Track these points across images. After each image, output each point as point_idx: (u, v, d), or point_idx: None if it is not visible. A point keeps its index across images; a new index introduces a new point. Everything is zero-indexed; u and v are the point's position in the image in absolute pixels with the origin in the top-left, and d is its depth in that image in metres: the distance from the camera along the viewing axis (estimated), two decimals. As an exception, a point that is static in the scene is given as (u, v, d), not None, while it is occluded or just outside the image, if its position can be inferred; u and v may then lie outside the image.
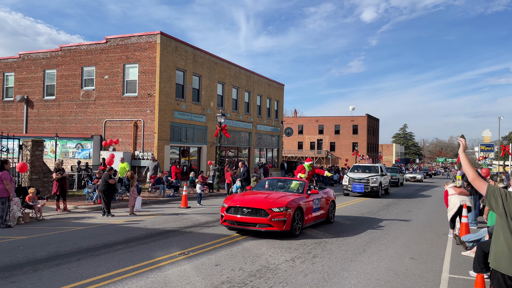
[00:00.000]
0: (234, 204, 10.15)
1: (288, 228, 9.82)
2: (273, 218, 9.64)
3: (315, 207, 11.42)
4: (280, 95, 39.04)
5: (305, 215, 10.68)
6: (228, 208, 10.23)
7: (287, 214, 9.78)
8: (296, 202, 10.29)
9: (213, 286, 6.16)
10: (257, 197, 10.47)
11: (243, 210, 9.95)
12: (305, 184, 11.82)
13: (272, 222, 9.63)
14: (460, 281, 6.89)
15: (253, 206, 9.88)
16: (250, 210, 9.89)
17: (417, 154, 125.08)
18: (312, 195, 11.41)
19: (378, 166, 24.44)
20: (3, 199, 10.77)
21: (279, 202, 9.97)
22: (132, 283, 6.19)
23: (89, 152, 24.10)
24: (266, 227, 9.66)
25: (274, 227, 9.63)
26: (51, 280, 6.25)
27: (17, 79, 27.44)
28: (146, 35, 23.18)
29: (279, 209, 9.72)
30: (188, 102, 25.39)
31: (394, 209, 17.38)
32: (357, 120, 74.61)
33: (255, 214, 9.82)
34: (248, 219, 9.82)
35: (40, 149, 16.44)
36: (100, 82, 24.42)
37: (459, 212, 10.76)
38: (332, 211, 12.83)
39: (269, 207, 9.75)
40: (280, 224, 9.67)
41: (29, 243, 8.91)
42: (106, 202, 13.10)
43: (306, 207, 10.78)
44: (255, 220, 9.74)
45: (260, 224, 9.69)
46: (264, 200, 10.09)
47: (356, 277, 6.87)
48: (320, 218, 11.94)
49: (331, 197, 12.88)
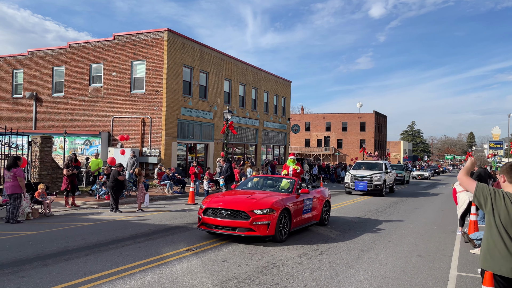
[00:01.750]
0: (212, 205, 9.09)
1: (272, 232, 8.73)
2: (255, 221, 8.57)
3: (305, 208, 10.30)
4: (287, 92, 38.95)
5: (294, 217, 9.59)
6: (206, 210, 9.14)
7: (271, 216, 8.69)
8: (283, 203, 9.22)
9: (220, 282, 6.19)
10: (238, 197, 9.41)
11: (221, 212, 8.88)
12: (294, 183, 10.63)
13: (254, 226, 8.56)
14: (468, 278, 6.84)
15: (232, 207, 8.82)
16: (229, 212, 8.82)
17: (425, 152, 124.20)
18: (303, 195, 10.31)
19: (382, 163, 23.53)
20: (16, 196, 10.90)
21: (262, 203, 8.92)
22: (140, 279, 6.23)
23: (97, 149, 24.25)
24: (247, 232, 8.58)
25: (256, 232, 8.57)
26: (60, 275, 6.32)
27: (26, 76, 27.68)
28: (154, 32, 23.24)
29: (261, 211, 8.66)
30: (195, 99, 25.44)
31: (401, 206, 17.28)
32: (364, 117, 74.23)
33: (235, 217, 8.75)
34: (227, 223, 8.74)
35: (49, 146, 16.60)
36: (108, 79, 24.55)
37: (468, 209, 10.66)
38: (327, 212, 11.75)
39: (250, 209, 8.68)
40: (263, 228, 8.60)
41: (38, 238, 9.02)
42: (114, 198, 13.20)
43: (295, 209, 9.69)
44: (235, 223, 8.67)
45: (240, 228, 8.62)
46: (246, 201, 9.04)
47: (363, 274, 6.85)
48: (312, 220, 10.84)
49: (325, 197, 11.72)
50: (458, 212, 10.98)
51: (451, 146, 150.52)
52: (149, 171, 22.85)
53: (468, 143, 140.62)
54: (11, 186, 10.88)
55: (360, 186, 21.35)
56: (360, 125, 74.42)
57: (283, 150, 38.31)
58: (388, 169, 23.20)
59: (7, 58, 28.68)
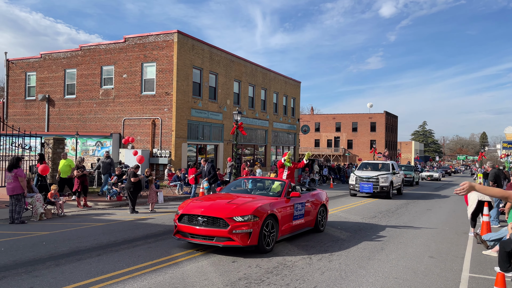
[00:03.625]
0: (187, 212, 8.11)
1: (255, 242, 7.76)
2: (235, 229, 7.59)
3: (296, 213, 9.34)
4: (297, 93, 38.90)
5: (282, 224, 8.65)
6: (181, 216, 8.20)
7: (253, 224, 7.71)
8: (268, 208, 8.20)
9: (230, 282, 6.21)
10: (217, 202, 8.39)
11: (198, 219, 7.92)
12: (285, 185, 9.63)
13: (233, 235, 7.59)
14: (480, 280, 6.77)
15: (209, 214, 7.86)
16: (206, 219, 7.86)
17: (437, 152, 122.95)
18: (293, 199, 9.35)
19: (389, 163, 22.50)
20: (19, 196, 11.03)
21: (243, 208, 7.91)
22: (151, 278, 6.29)
23: (108, 150, 24.51)
24: (225, 242, 7.62)
25: (236, 242, 7.60)
26: (72, 275, 6.41)
27: (38, 78, 28.10)
28: (164, 34, 23.41)
29: (242, 218, 7.68)
30: (205, 100, 25.55)
31: (412, 207, 17.13)
32: (375, 117, 73.76)
33: (212, 225, 7.80)
34: (204, 231, 7.78)
35: (62, 147, 16.83)
36: (119, 81, 24.80)
37: (480, 209, 10.54)
38: (323, 217, 10.76)
39: (229, 216, 7.71)
40: (243, 238, 7.64)
41: (51, 238, 9.15)
42: (131, 199, 13.29)
43: (283, 214, 8.71)
44: (212, 232, 7.71)
45: (218, 238, 7.67)
46: (225, 207, 8.04)
47: (373, 275, 6.82)
48: (305, 227, 9.90)
49: (321, 201, 10.75)
50: (468, 211, 10.89)
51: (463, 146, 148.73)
52: (159, 172, 23.01)
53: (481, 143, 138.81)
54: (13, 187, 10.98)
55: (366, 188, 20.24)
56: (370, 125, 73.95)
57: (292, 151, 38.26)
58: (395, 170, 22.24)
59: (20, 61, 29.15)
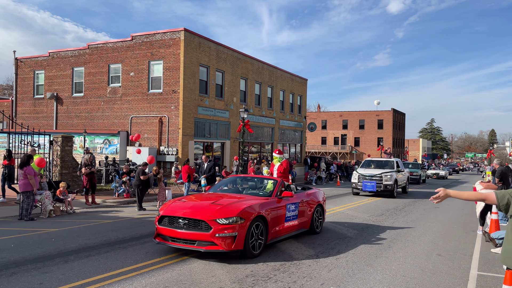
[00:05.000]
0: (168, 213, 7.50)
1: (240, 246, 7.15)
2: (218, 232, 6.99)
3: (289, 214, 8.74)
4: (303, 90, 38.80)
5: (272, 227, 8.05)
6: (161, 218, 7.62)
7: (239, 227, 7.09)
8: (256, 209, 7.58)
9: (237, 280, 6.24)
10: (201, 203, 7.80)
11: (178, 221, 7.32)
12: (276, 184, 9.07)
13: (216, 239, 6.98)
14: (489, 278, 6.72)
15: (191, 216, 7.23)
16: (187, 221, 7.26)
17: (445, 150, 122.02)
18: (286, 199, 8.75)
19: (393, 161, 21.63)
20: (28, 193, 11.19)
21: (228, 209, 7.29)
22: (159, 275, 6.33)
23: (116, 148, 24.68)
24: (207, 246, 7.03)
25: (219, 246, 6.99)
26: (81, 271, 6.47)
27: (47, 77, 28.33)
28: (170, 32, 23.46)
29: (226, 220, 7.06)
30: (212, 98, 25.59)
31: (419, 205, 17.02)
32: (382, 115, 73.36)
33: (194, 228, 7.19)
34: (185, 235, 7.17)
35: (70, 145, 16.96)
36: (126, 79, 24.92)
37: (489, 207, 10.46)
38: (319, 218, 10.13)
39: (211, 218, 7.09)
40: (228, 242, 7.03)
41: (60, 235, 9.25)
42: (139, 197, 13.38)
43: (273, 216, 8.10)
44: (194, 235, 7.10)
45: (199, 242, 7.08)
46: (208, 208, 7.41)
47: (381, 273, 6.80)
48: (299, 229, 9.30)
49: (317, 200, 10.16)
50: (477, 210, 10.83)
51: (471, 144, 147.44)
52: (166, 170, 23.11)
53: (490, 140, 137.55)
54: (23, 184, 11.18)
55: (369, 187, 19.57)
56: (377, 123, 73.56)
57: (299, 149, 38.21)
58: (400, 168, 21.45)
59: (29, 59, 29.40)
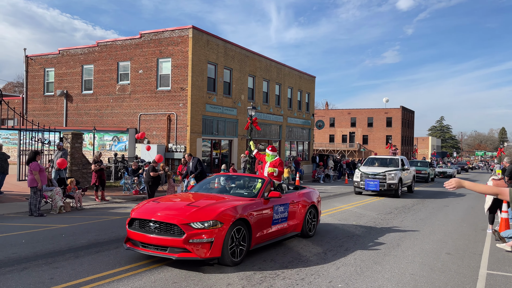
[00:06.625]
0: (139, 215, 6.79)
1: (218, 253, 6.41)
2: (191, 238, 6.26)
3: (277, 216, 7.96)
4: (311, 87, 38.68)
5: (257, 231, 7.28)
6: (132, 221, 6.92)
7: (216, 232, 6.37)
8: (238, 212, 6.82)
9: (245, 276, 6.26)
10: (176, 204, 7.10)
11: (149, 225, 6.61)
12: (263, 183, 8.27)
13: (189, 245, 6.26)
14: (498, 277, 6.67)
15: (162, 219, 6.49)
16: (158, 225, 6.53)
17: (455, 148, 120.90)
18: (273, 200, 7.95)
19: (398, 158, 20.77)
20: (34, 189, 11.32)
21: (204, 212, 6.57)
22: (168, 271, 6.38)
23: (125, 145, 24.86)
24: (180, 253, 6.31)
25: (192, 253, 6.27)
26: (91, 266, 6.54)
27: (57, 74, 28.60)
28: (179, 29, 23.53)
29: (202, 224, 6.34)
30: (220, 96, 25.63)
31: (429, 203, 16.90)
32: (391, 113, 72.87)
33: (166, 232, 6.45)
34: (156, 240, 6.43)
35: (80, 142, 17.13)
36: (134, 76, 25.06)
37: (497, 205, 10.36)
38: (312, 220, 9.31)
39: (185, 221, 6.35)
40: (203, 248, 6.31)
41: (70, 231, 9.35)
42: (149, 193, 13.51)
43: (258, 218, 7.32)
44: (165, 241, 6.37)
45: (171, 248, 6.36)
46: (182, 210, 6.67)
47: (389, 271, 6.78)
48: (289, 232, 8.50)
49: (311, 201, 9.30)
50: (485, 207, 10.77)
51: (481, 142, 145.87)
52: (175, 167, 23.22)
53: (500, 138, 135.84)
54: (30, 180, 11.34)
55: (371, 186, 18.77)
56: (386, 120, 73.09)
57: (307, 146, 38.14)
58: (405, 166, 20.58)
59: (39, 57, 29.69)
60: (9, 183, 16.45)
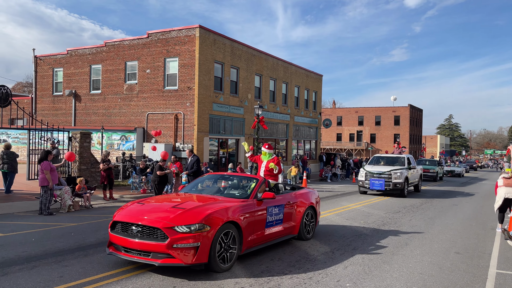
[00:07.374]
0: (121, 218, 6.42)
1: (204, 259, 6.04)
2: (175, 243, 5.88)
3: (271, 219, 7.61)
4: (318, 86, 38.57)
5: (248, 234, 6.88)
6: (114, 224, 6.58)
7: (202, 236, 5.99)
8: (227, 214, 6.45)
9: (253, 275, 6.27)
10: (161, 205, 6.77)
11: (132, 228, 6.26)
12: (257, 183, 7.86)
13: (173, 251, 5.88)
14: (508, 276, 6.60)
15: (145, 222, 6.14)
16: (141, 228, 6.18)
17: (464, 146, 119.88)
18: (267, 201, 7.57)
19: (404, 157, 20.25)
20: (45, 188, 11.45)
21: (190, 215, 6.17)
22: (175, 269, 6.41)
23: (132, 144, 25.01)
24: (163, 259, 5.94)
25: (176, 259, 5.90)
26: (100, 265, 6.60)
27: (65, 74, 28.83)
28: (186, 29, 23.59)
29: (187, 228, 5.95)
30: (226, 95, 25.66)
31: (437, 203, 16.78)
32: (399, 111, 72.39)
33: (149, 236, 6.09)
34: (139, 245, 6.07)
35: (88, 141, 17.26)
36: (142, 76, 25.18)
37: (508, 205, 10.25)
38: (310, 222, 8.93)
39: (168, 225, 5.99)
40: (187, 254, 5.92)
41: (79, 229, 9.44)
42: (156, 192, 13.58)
43: (250, 221, 6.95)
44: (148, 246, 6.01)
45: (154, 254, 5.98)
46: (167, 212, 6.31)
47: (398, 271, 6.75)
48: (284, 235, 8.10)
49: (309, 202, 8.88)
50: (495, 206, 10.66)
51: (491, 140, 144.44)
52: (182, 166, 23.29)
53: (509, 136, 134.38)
54: (41, 179, 11.47)
55: (376, 185, 18.33)
56: (394, 119, 72.63)
57: (314, 145, 38.05)
58: (411, 164, 20.12)
59: (48, 57, 29.95)
60: (18, 182, 16.64)
